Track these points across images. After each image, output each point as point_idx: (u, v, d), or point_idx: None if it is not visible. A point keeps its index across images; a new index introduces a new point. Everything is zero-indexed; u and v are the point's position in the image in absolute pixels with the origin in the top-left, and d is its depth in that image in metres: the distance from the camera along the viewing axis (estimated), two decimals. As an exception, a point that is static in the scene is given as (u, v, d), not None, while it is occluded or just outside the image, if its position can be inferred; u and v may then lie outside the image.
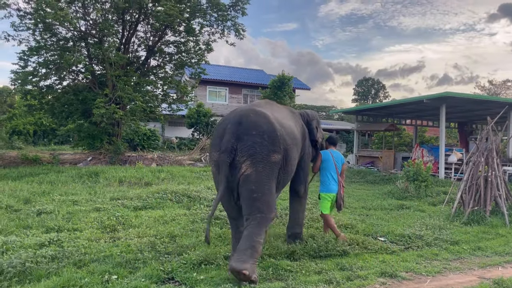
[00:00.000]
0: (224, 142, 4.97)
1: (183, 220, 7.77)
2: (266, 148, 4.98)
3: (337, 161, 6.92)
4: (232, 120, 5.16)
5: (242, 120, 5.09)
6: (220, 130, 5.21)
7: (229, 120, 5.23)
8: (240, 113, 5.27)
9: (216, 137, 5.23)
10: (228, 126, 5.10)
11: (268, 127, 5.10)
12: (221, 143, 5.00)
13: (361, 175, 16.79)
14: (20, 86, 15.85)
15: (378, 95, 79.80)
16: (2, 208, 7.83)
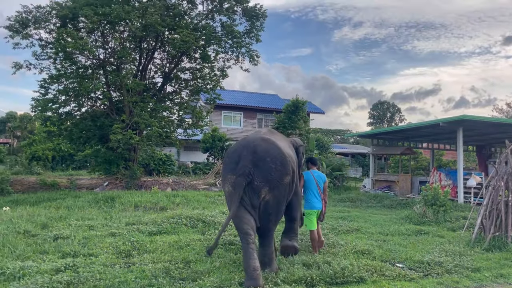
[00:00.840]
0: (240, 167, 5.65)
1: (197, 245, 7.73)
2: (280, 172, 5.81)
3: (319, 180, 7.60)
4: (246, 148, 5.87)
5: (256, 149, 5.83)
6: (235, 156, 5.87)
7: (243, 147, 5.93)
8: (252, 142, 5.99)
9: (231, 162, 5.87)
10: (244, 153, 5.79)
11: (278, 153, 5.90)
12: (238, 168, 5.66)
13: (378, 199, 16.55)
14: (40, 112, 16.27)
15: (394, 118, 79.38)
16: (20, 233, 7.92)
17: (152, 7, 16.07)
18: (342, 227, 10.18)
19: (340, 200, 16.51)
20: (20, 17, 15.42)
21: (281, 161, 5.83)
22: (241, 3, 18.03)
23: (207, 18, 18.54)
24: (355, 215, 12.44)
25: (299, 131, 22.53)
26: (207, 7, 18.41)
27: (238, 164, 5.70)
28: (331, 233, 9.38)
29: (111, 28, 16.93)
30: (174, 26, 16.72)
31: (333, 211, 13.52)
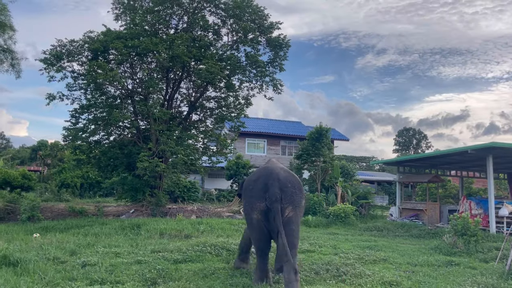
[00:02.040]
0: (272, 193, 6.44)
1: (222, 274, 7.72)
2: (298, 196, 6.79)
3: None
4: (271, 177, 6.69)
5: (279, 177, 6.71)
6: (261, 184, 6.68)
7: (267, 176, 6.76)
8: (273, 171, 6.86)
9: (259, 190, 6.64)
10: (270, 182, 6.58)
11: (295, 180, 6.99)
12: (269, 195, 6.45)
13: (405, 228, 16.13)
14: (71, 141, 16.82)
15: (420, 145, 78.03)
16: (50, 259, 8.10)
17: (179, 39, 16.63)
18: (368, 256, 9.95)
19: (366, 229, 16.18)
20: (54, 50, 16.21)
21: (298, 186, 6.93)
22: (265, 34, 18.46)
23: (232, 48, 19.02)
24: (382, 245, 12.16)
25: (323, 158, 22.43)
26: (232, 38, 18.93)
27: (267, 192, 6.50)
28: (357, 263, 9.18)
29: (139, 59, 17.56)
30: (200, 57, 17.20)
31: (359, 240, 13.26)
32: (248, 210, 6.86)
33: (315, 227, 16.25)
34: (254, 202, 6.62)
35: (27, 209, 15.05)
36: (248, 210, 6.81)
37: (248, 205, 6.80)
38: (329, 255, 10.05)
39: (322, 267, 8.52)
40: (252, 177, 7.00)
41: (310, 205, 19.03)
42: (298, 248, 8.60)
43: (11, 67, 16.29)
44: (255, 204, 6.60)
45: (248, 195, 6.83)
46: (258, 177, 6.86)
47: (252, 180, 6.93)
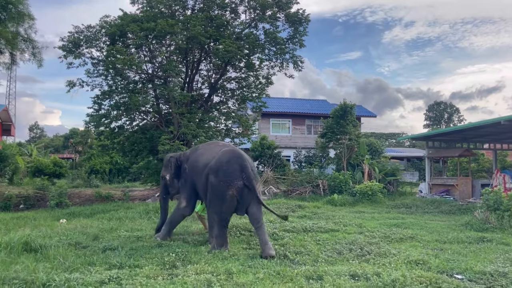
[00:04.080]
0: (249, 173, 7.77)
1: (242, 255, 7.58)
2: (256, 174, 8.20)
3: None
4: (241, 158, 7.92)
5: (247, 158, 8.09)
6: (236, 165, 7.80)
7: (237, 158, 7.92)
8: (238, 153, 8.15)
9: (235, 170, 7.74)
10: (244, 163, 7.84)
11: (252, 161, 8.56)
12: (246, 174, 7.71)
13: (435, 205, 15.59)
14: (94, 128, 16.99)
15: (452, 119, 75.63)
16: (72, 245, 8.16)
17: (195, 19, 16.33)
18: (395, 235, 9.61)
19: (394, 206, 15.74)
20: (72, 37, 16.26)
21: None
22: (284, 10, 17.91)
23: (250, 26, 18.58)
24: (410, 222, 11.75)
25: (348, 135, 21.89)
26: (250, 16, 18.48)
27: (243, 172, 7.71)
28: (382, 241, 8.87)
29: (157, 42, 17.41)
30: (218, 37, 16.89)
31: (386, 218, 12.89)
32: (223, 187, 7.66)
33: (341, 205, 15.94)
34: (232, 181, 7.62)
35: (55, 196, 15.41)
36: (223, 187, 7.65)
37: (224, 183, 7.65)
38: (353, 234, 9.76)
39: (345, 246, 8.28)
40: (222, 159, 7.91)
41: (336, 184, 18.69)
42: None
43: (33, 56, 16.47)
44: (232, 182, 7.60)
45: (223, 173, 7.72)
46: (230, 158, 7.89)
47: (223, 162, 7.85)
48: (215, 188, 7.81)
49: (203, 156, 8.48)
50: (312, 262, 7.14)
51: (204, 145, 9.36)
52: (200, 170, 8.27)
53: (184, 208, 8.71)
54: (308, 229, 10.22)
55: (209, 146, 9.00)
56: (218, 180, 7.75)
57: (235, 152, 8.14)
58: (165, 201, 9.51)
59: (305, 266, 6.88)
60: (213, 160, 8.02)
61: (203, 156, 8.45)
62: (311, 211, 13.99)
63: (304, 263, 7.09)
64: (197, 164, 8.45)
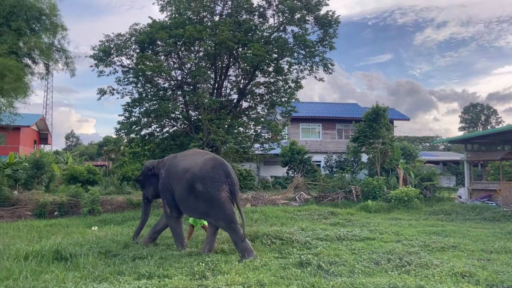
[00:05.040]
0: (233, 178, 8.05)
1: (274, 265, 7.28)
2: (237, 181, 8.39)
3: None
4: (224, 164, 8.17)
5: (226, 163, 8.28)
6: (221, 171, 8.00)
7: (220, 164, 8.13)
8: (220, 159, 8.40)
9: (221, 176, 7.94)
10: (228, 169, 8.10)
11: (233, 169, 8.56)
12: (230, 179, 7.98)
13: (477, 211, 14.78)
14: (125, 135, 17.14)
15: (489, 121, 72.87)
16: (102, 253, 8.08)
17: (223, 24, 16.25)
18: (436, 243, 9.07)
19: (432, 212, 15.02)
20: (103, 46, 16.50)
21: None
22: (313, 12, 17.60)
23: (279, 30, 18.35)
24: (450, 230, 11.12)
25: (382, 139, 21.22)
26: (278, 20, 18.25)
27: (228, 177, 7.96)
28: (423, 251, 8.36)
29: (186, 49, 17.44)
30: (246, 41, 16.74)
31: (425, 225, 12.27)
32: (213, 193, 7.80)
33: (376, 212, 15.36)
34: (221, 185, 7.84)
35: (87, 203, 15.56)
36: (214, 192, 7.79)
37: (213, 189, 7.80)
38: (391, 243, 9.29)
39: (383, 256, 7.84)
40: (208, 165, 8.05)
41: (370, 190, 18.09)
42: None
43: (66, 65, 16.82)
44: (221, 186, 7.83)
45: (210, 180, 7.86)
46: (214, 165, 8.06)
47: (208, 168, 7.99)
48: (205, 196, 7.89)
49: (182, 161, 8.55)
50: (348, 273, 6.76)
51: (183, 152, 9.44)
52: (179, 175, 8.32)
53: (171, 214, 8.71)
54: (342, 237, 9.83)
55: (188, 153, 9.10)
56: (206, 187, 7.87)
57: (218, 159, 8.35)
58: (145, 206, 9.81)
59: (341, 278, 6.51)
60: (196, 168, 8.10)
61: (183, 162, 8.52)
62: (345, 218, 13.52)
63: (340, 274, 6.72)
64: (175, 169, 8.51)
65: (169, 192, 8.63)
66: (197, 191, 7.93)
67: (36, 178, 22.28)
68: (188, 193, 8.09)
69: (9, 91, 14.63)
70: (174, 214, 8.70)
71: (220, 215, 7.88)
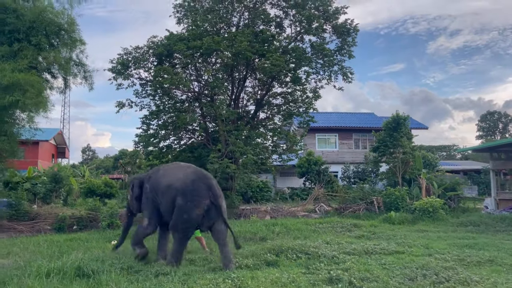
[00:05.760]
0: (215, 191, 8.03)
1: (302, 282, 6.98)
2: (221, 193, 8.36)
3: None
4: (206, 178, 8.27)
5: (208, 176, 8.44)
6: (203, 184, 8.04)
7: (202, 178, 8.21)
8: (203, 172, 8.54)
9: (202, 189, 7.97)
10: (210, 182, 8.16)
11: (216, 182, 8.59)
12: (213, 192, 7.98)
13: (507, 222, 14.19)
14: (143, 148, 17.05)
15: (508, 129, 71.42)
16: (124, 269, 7.83)
17: (241, 35, 16.14)
18: (470, 257, 8.65)
19: (459, 224, 14.49)
20: (121, 59, 16.52)
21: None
22: (330, 21, 17.41)
23: (296, 40, 18.20)
24: (483, 242, 10.64)
25: (402, 149, 20.74)
26: (295, 29, 18.13)
27: (210, 191, 7.95)
28: (458, 265, 7.94)
29: (203, 60, 17.37)
30: (263, 52, 16.59)
31: (454, 237, 11.79)
32: (190, 207, 7.85)
33: (399, 224, 14.89)
34: (200, 200, 7.84)
35: (106, 217, 15.41)
36: (190, 207, 7.85)
37: (191, 203, 7.85)
38: (422, 257, 8.88)
39: (417, 272, 7.46)
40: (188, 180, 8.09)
41: (392, 201, 17.60)
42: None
43: (84, 79, 16.84)
44: (200, 202, 7.84)
45: (190, 194, 7.91)
46: (195, 179, 8.10)
47: (188, 182, 8.04)
48: (182, 209, 7.96)
49: (164, 177, 8.58)
50: (383, 291, 6.41)
51: (165, 166, 9.68)
52: (163, 189, 8.38)
53: (146, 226, 8.73)
54: (370, 251, 9.45)
55: (171, 167, 9.22)
56: (186, 201, 7.94)
57: (200, 172, 8.48)
58: (128, 220, 9.81)
59: (375, 295, 6.18)
60: (178, 183, 8.16)
61: (165, 177, 8.55)
62: (369, 230, 13.11)
63: (374, 291, 6.38)
64: (159, 183, 8.54)
65: (152, 206, 8.65)
66: (177, 204, 8.04)
67: (54, 192, 22.30)
68: (171, 207, 8.18)
69: (30, 106, 14.65)
70: (149, 229, 8.73)
71: (183, 229, 8.04)
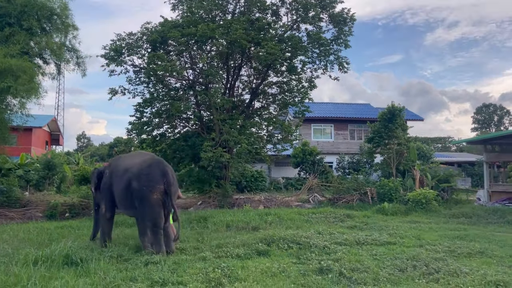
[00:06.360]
0: (169, 178, 8.16)
1: (293, 271, 6.96)
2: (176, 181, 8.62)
3: None
4: (162, 165, 8.41)
5: (165, 163, 8.59)
6: (158, 171, 8.22)
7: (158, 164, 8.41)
8: (158, 160, 8.69)
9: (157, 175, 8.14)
10: (165, 169, 8.29)
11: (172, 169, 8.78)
12: (167, 179, 8.12)
13: (499, 214, 14.23)
14: (136, 135, 16.91)
15: (503, 122, 71.77)
16: (114, 257, 7.78)
17: (237, 22, 15.94)
18: (461, 249, 8.63)
19: (452, 215, 14.52)
20: (114, 45, 16.28)
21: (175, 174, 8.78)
22: (327, 9, 17.22)
23: (292, 28, 18.00)
24: (474, 234, 10.64)
25: (397, 140, 20.72)
26: (292, 18, 17.91)
27: (165, 177, 8.10)
28: (448, 257, 7.94)
29: (198, 48, 17.16)
30: (259, 40, 16.41)
31: (446, 229, 11.81)
32: (146, 192, 8.01)
33: (393, 215, 14.89)
34: (154, 186, 8.00)
35: (98, 204, 15.31)
36: (147, 192, 8.00)
37: (146, 188, 8.01)
38: (413, 248, 8.87)
39: (407, 262, 7.45)
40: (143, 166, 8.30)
41: (386, 192, 17.62)
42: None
43: (77, 65, 16.63)
44: (155, 187, 7.99)
45: (145, 178, 8.10)
46: (150, 164, 8.34)
47: (144, 168, 8.25)
48: (138, 193, 8.15)
49: (124, 162, 8.90)
50: (373, 281, 6.42)
51: (127, 154, 10.17)
52: (120, 174, 8.63)
53: (105, 213, 9.01)
54: (362, 242, 9.43)
55: (131, 155, 9.66)
56: (141, 185, 8.12)
57: (156, 159, 8.72)
58: (96, 213, 9.80)
59: (365, 286, 6.17)
60: (134, 167, 8.42)
61: (124, 162, 8.88)
62: (361, 221, 13.10)
63: (364, 282, 6.37)
64: (117, 169, 8.84)
65: (109, 191, 8.92)
66: (132, 188, 8.22)
67: (47, 179, 22.17)
68: (125, 190, 8.38)
69: (22, 92, 14.46)
70: (107, 215, 9.00)
71: (146, 215, 8.13)
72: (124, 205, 8.73)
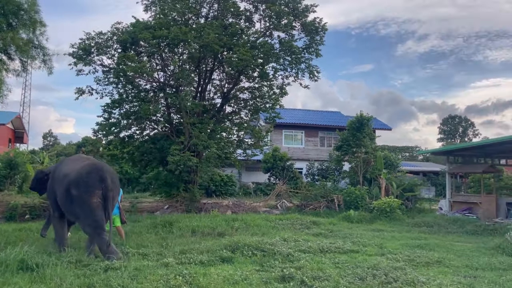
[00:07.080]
0: (108, 184, 8.16)
1: (255, 279, 6.94)
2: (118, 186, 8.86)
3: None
4: (101, 170, 8.34)
5: (106, 169, 8.60)
6: (96, 175, 8.19)
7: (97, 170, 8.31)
8: (101, 165, 8.79)
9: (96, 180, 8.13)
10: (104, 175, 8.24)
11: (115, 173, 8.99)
12: (105, 184, 8.12)
13: (458, 224, 14.71)
14: (103, 136, 16.56)
15: (467, 133, 74.42)
16: (72, 263, 7.55)
17: (209, 26, 15.90)
18: (420, 258, 8.85)
19: (414, 224, 14.90)
20: (83, 44, 15.92)
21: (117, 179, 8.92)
22: (300, 18, 17.41)
23: (265, 35, 18.10)
24: (434, 243, 10.95)
25: (365, 149, 21.13)
26: (265, 24, 18.00)
27: (103, 182, 8.10)
28: (408, 266, 8.12)
29: (170, 50, 17.00)
30: (231, 45, 16.41)
31: (408, 237, 12.10)
32: (85, 197, 8.01)
33: (358, 223, 15.16)
34: (93, 190, 8.01)
35: (61, 206, 14.89)
36: (85, 197, 8.00)
37: (85, 194, 8.01)
38: (374, 256, 9.04)
39: (367, 271, 7.56)
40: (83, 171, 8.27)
41: (352, 199, 17.92)
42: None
43: (43, 63, 16.17)
44: (94, 192, 8.00)
45: (84, 185, 8.08)
46: (91, 169, 8.31)
47: (83, 174, 8.22)
48: (78, 200, 8.14)
49: (64, 167, 8.91)
50: (333, 290, 6.47)
51: (68, 158, 10.17)
52: (60, 179, 8.65)
53: (54, 213, 9.09)
54: (326, 250, 9.53)
55: (72, 159, 9.57)
56: (80, 192, 8.11)
57: (96, 165, 8.65)
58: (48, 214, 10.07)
59: (325, 295, 6.23)
60: (73, 173, 8.40)
61: (65, 167, 8.89)
62: (327, 228, 13.26)
63: (324, 290, 6.42)
64: (58, 174, 8.86)
65: (53, 194, 8.97)
66: (72, 195, 8.21)
67: (9, 179, 21.37)
68: (65, 196, 8.38)
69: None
70: (56, 214, 9.03)
71: (88, 220, 8.17)
72: (66, 210, 8.69)
